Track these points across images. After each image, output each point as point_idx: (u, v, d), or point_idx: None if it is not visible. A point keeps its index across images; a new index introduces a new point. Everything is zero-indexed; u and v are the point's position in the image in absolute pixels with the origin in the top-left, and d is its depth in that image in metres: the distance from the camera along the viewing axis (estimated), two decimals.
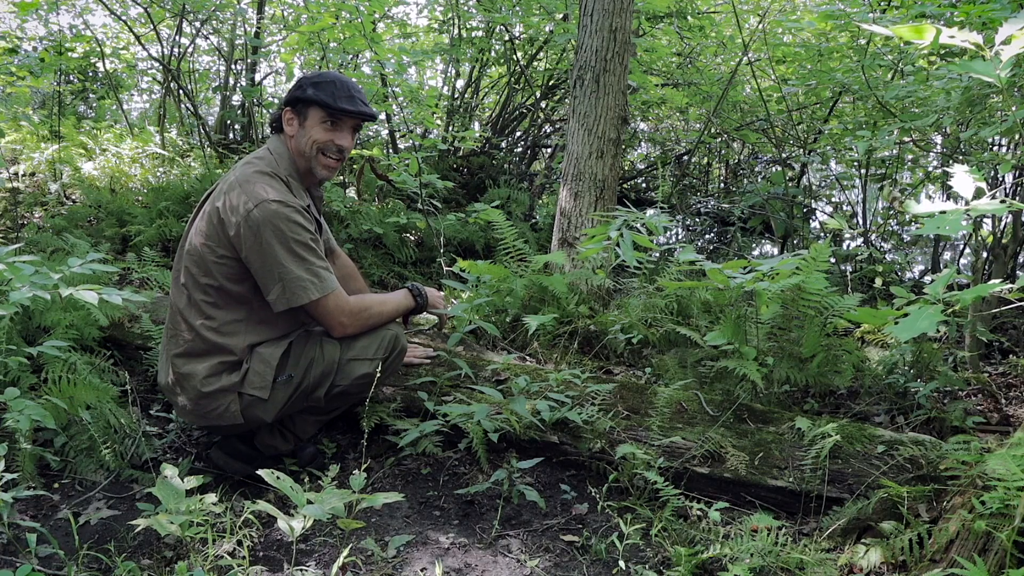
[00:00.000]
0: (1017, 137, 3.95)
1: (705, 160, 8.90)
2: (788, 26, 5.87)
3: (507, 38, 6.58)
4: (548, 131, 7.23)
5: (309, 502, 1.78)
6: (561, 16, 5.83)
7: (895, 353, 2.95)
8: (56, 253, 3.60)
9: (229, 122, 6.96)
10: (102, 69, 6.70)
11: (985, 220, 4.78)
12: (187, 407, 2.26)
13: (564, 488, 2.36)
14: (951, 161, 4.48)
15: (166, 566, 1.94)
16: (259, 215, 2.08)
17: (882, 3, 4.73)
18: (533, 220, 5.77)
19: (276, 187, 2.16)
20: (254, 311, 2.25)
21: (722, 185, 8.89)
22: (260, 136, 6.80)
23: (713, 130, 6.83)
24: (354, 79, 3.35)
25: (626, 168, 8.05)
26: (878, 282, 4.36)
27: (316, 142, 2.24)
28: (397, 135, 6.43)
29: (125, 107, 7.07)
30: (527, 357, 3.15)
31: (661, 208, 4.10)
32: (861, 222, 5.39)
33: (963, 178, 1.53)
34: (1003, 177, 4.58)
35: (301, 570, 1.94)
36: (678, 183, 7.11)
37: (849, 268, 5.18)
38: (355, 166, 5.47)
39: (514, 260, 3.63)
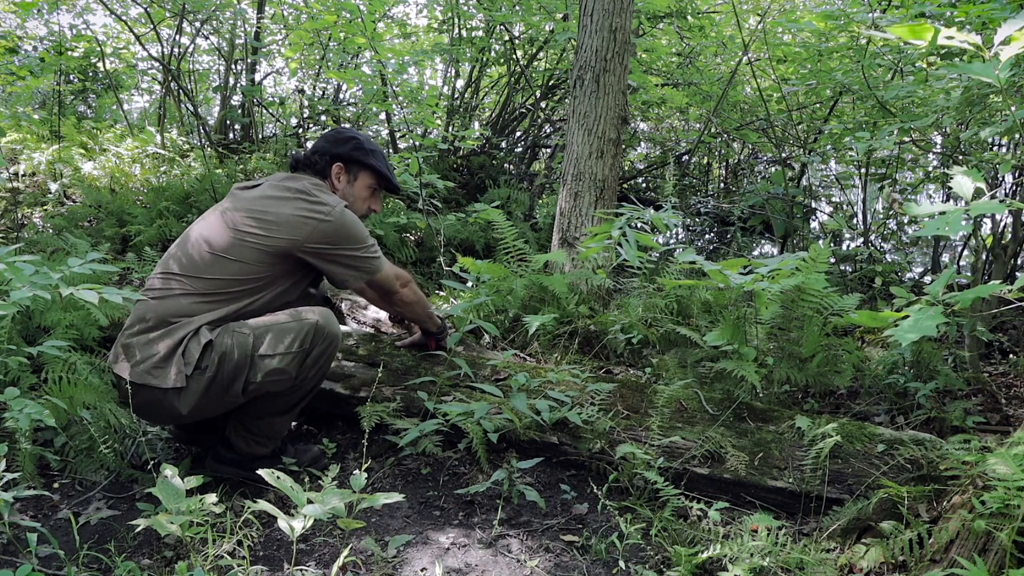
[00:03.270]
0: (1017, 137, 3.95)
1: (705, 160, 8.90)
2: (788, 26, 5.86)
3: (507, 38, 6.58)
4: (548, 131, 7.22)
5: (309, 502, 1.78)
6: (561, 16, 5.82)
7: (895, 353, 2.95)
8: (56, 253, 3.60)
9: (229, 122, 6.96)
10: (102, 69, 6.70)
11: (985, 220, 4.78)
12: (139, 365, 2.17)
13: (564, 488, 2.36)
14: (951, 161, 4.48)
15: (166, 566, 1.94)
16: (340, 217, 2.36)
17: (882, 3, 4.73)
18: (533, 220, 5.77)
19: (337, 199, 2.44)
20: (265, 296, 2.33)
21: (722, 185, 8.89)
22: (260, 136, 6.80)
23: (713, 130, 6.83)
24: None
25: (626, 168, 8.05)
26: (878, 282, 4.36)
27: (366, 205, 2.60)
28: (397, 135, 6.44)
29: (125, 107, 7.07)
30: (527, 357, 3.15)
31: (671, 204, 4.07)
32: (861, 222, 5.39)
33: (962, 180, 1.53)
34: (1003, 177, 4.58)
35: (301, 570, 1.94)
36: (678, 183, 7.11)
37: (849, 268, 5.18)
38: None
39: (514, 260, 3.63)
